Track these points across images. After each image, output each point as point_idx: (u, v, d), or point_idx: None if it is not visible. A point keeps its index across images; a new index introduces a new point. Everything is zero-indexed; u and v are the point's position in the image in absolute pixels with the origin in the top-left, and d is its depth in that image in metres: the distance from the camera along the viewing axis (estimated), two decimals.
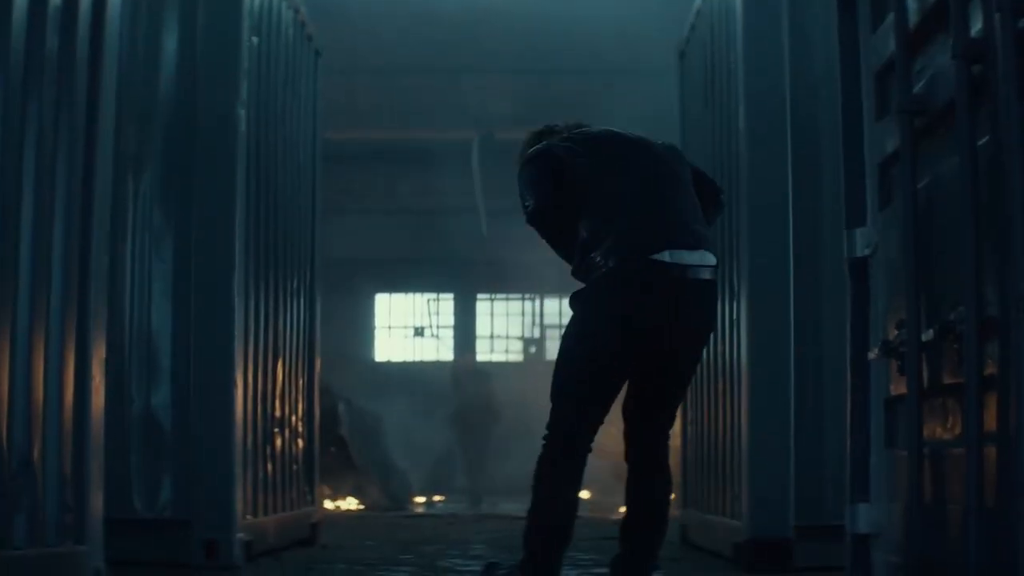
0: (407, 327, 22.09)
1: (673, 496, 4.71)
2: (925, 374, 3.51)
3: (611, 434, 4.67)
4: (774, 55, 6.35)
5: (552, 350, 22.06)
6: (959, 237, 3.21)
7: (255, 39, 6.74)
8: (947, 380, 3.41)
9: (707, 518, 7.37)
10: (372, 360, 21.64)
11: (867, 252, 4.08)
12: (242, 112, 6.48)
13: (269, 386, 7.00)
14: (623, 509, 4.70)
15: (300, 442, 7.65)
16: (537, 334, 22.13)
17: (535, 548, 4.40)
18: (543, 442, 4.44)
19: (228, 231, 6.31)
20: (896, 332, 3.72)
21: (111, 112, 4.59)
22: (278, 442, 7.13)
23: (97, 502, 4.31)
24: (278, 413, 7.15)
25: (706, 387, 7.39)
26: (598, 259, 4.37)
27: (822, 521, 5.88)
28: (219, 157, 6.36)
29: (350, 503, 12.74)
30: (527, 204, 4.53)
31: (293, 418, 7.49)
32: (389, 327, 22.12)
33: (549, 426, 4.43)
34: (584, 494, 17.98)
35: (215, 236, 6.28)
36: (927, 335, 3.48)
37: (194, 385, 6.18)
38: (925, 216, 3.57)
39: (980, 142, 3.14)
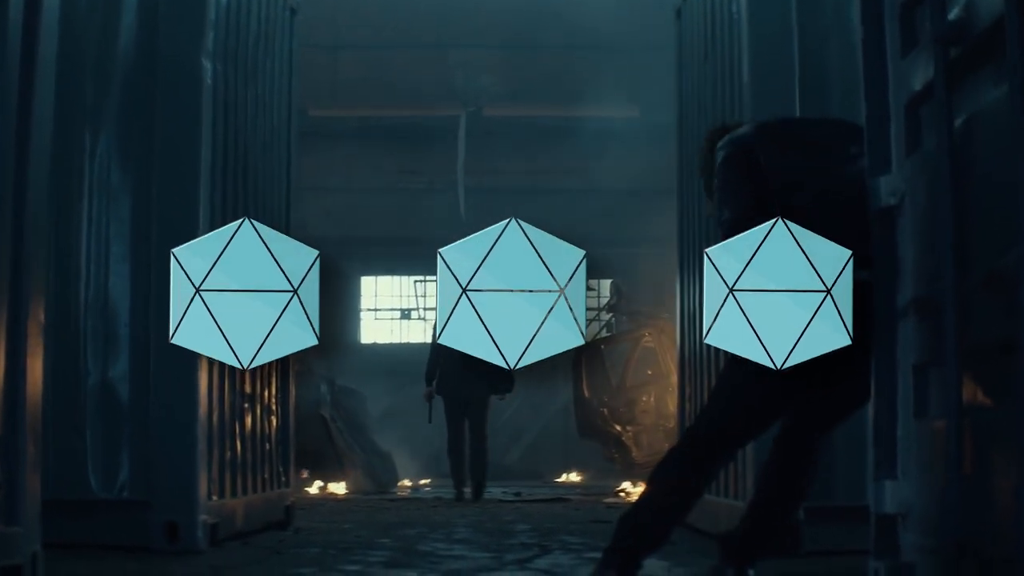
0: (393, 309, 21.78)
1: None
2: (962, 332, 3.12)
3: (601, 414, 4.31)
4: (780, 2, 5.98)
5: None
6: (1005, 173, 2.83)
7: None
8: (989, 338, 3.02)
9: (709, 499, 7.03)
10: (358, 342, 21.33)
11: (893, 201, 3.70)
12: (208, 64, 6.10)
13: None
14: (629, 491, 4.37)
15: (273, 420, 7.24)
16: None
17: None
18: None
19: (192, 191, 5.94)
20: (927, 286, 3.35)
21: (52, 50, 4.14)
22: (248, 419, 6.72)
23: (33, 480, 3.89)
24: (248, 388, 6.73)
25: (708, 362, 7.05)
26: None
27: (832, 502, 5.61)
28: (182, 112, 6.00)
29: (340, 487, 12.37)
30: (723, 215, 3.93)
31: (265, 394, 7.07)
32: (375, 309, 21.78)
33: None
34: (575, 477, 17.55)
35: (177, 196, 5.91)
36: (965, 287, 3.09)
37: (154, 356, 5.77)
38: (960, 157, 3.19)
39: None
